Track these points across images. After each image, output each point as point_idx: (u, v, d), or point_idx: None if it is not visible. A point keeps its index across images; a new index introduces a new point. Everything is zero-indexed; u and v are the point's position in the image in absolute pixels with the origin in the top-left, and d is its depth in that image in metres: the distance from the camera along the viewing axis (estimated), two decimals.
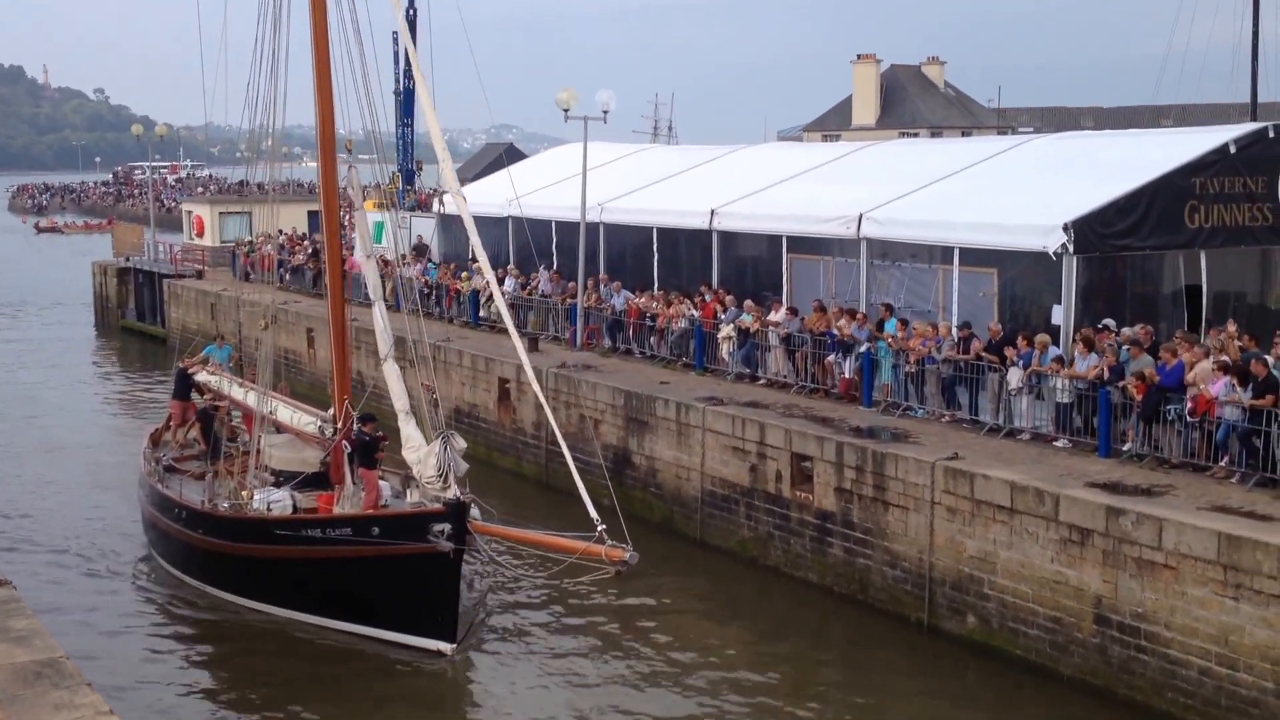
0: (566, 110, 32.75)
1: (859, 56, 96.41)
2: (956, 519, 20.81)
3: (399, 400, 22.91)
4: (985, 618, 20.32)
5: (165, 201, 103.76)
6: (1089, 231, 24.00)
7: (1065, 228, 23.74)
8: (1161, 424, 20.76)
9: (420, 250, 43.84)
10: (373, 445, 22.73)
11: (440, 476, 20.71)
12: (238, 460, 25.18)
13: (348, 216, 62.49)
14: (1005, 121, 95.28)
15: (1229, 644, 17.18)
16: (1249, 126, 26.95)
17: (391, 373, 23.29)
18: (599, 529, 18.98)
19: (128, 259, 59.68)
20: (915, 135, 77.38)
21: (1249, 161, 25.44)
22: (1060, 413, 22.33)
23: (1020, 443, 22.51)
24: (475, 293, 37.76)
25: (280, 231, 54.90)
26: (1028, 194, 26.50)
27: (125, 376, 48.99)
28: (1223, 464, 19.92)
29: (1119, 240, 24.45)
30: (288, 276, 49.23)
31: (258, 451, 24.43)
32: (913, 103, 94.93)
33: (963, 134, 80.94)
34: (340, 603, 21.44)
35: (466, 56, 27.05)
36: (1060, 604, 19.26)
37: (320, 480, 23.52)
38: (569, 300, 34.28)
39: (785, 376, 27.60)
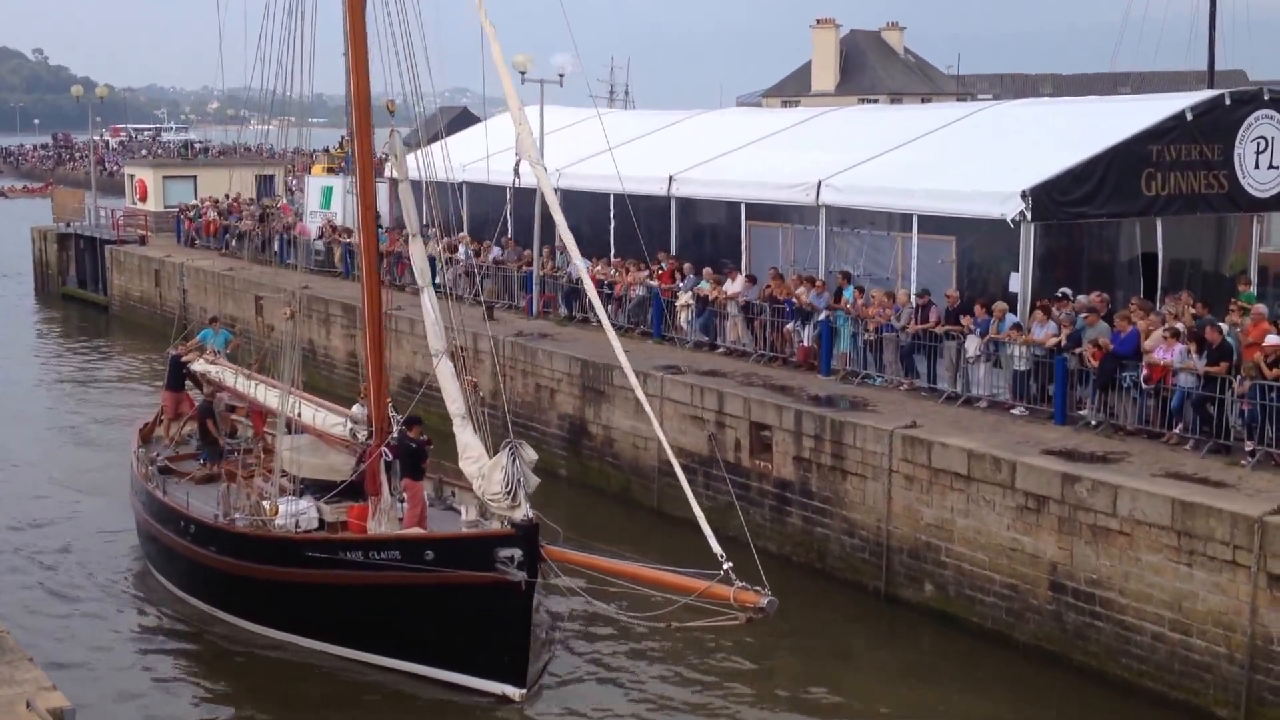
0: (523, 74, 32.52)
1: (818, 21, 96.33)
2: (914, 487, 20.88)
3: (453, 403, 19.52)
4: (942, 585, 20.43)
5: (107, 165, 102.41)
6: (1046, 199, 24.02)
7: (1023, 195, 23.76)
8: (1117, 391, 20.90)
9: None
10: (420, 453, 20.15)
11: (508, 493, 17.60)
12: (248, 465, 22.10)
13: (295, 181, 62.07)
14: (964, 88, 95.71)
15: (1182, 610, 17.37)
16: (1206, 94, 27.02)
17: (445, 371, 19.86)
18: (725, 566, 15.92)
19: (68, 224, 58.48)
20: (875, 101, 77.49)
21: (1205, 129, 25.49)
22: (1017, 380, 22.43)
23: (977, 410, 22.60)
24: (431, 259, 37.43)
25: (226, 195, 54.29)
26: (986, 161, 26.52)
27: (69, 347, 48.26)
28: (1177, 431, 20.09)
29: (1076, 208, 24.50)
30: (233, 242, 48.69)
31: (266, 451, 22.00)
32: (872, 69, 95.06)
33: (922, 100, 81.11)
34: (386, 637, 18.78)
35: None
36: (1016, 571, 19.39)
37: (348, 490, 20.58)
38: (525, 268, 34.09)
39: (744, 345, 27.57)
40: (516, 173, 17.06)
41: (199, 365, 25.52)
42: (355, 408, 22.20)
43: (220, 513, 20.48)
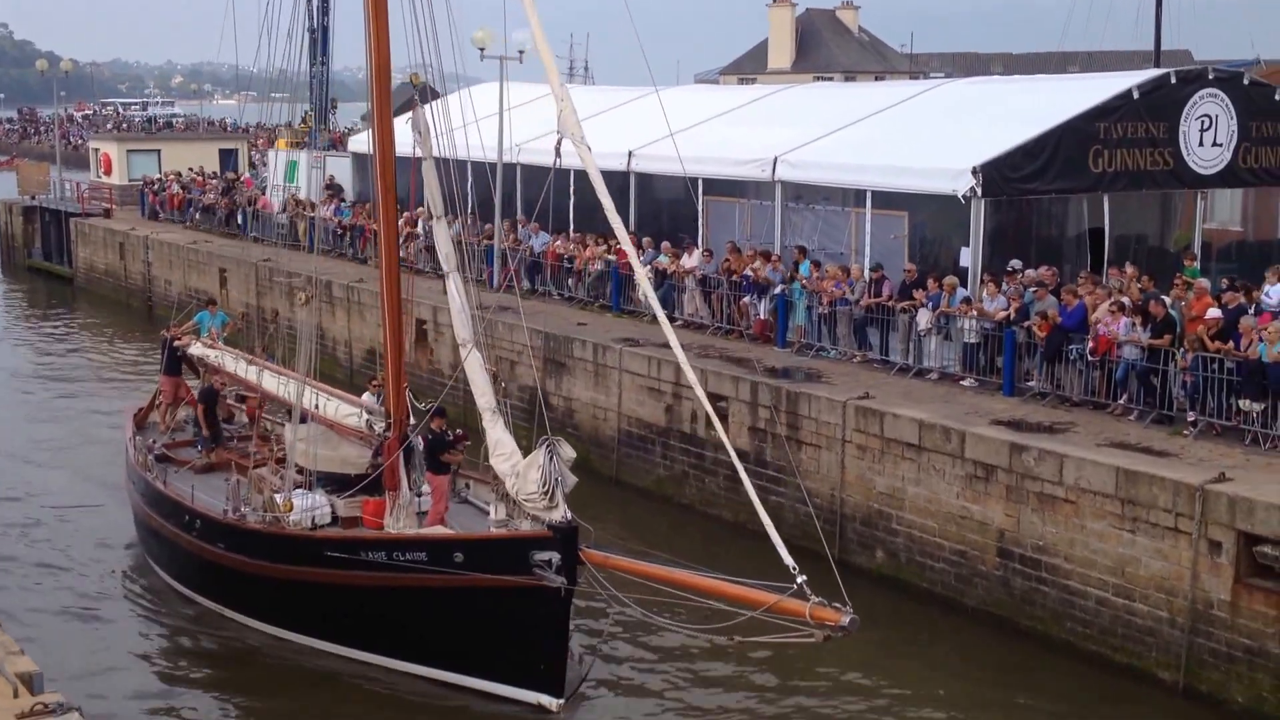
0: (483, 50, 32.63)
1: (775, 0, 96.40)
2: (867, 456, 21.30)
3: (483, 396, 18.37)
4: (893, 552, 20.86)
5: (72, 139, 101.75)
6: (996, 175, 24.45)
7: (974, 171, 24.20)
8: (1063, 363, 21.33)
9: (334, 190, 43.58)
10: (439, 445, 19.02)
11: (545, 493, 16.39)
12: (252, 454, 20.91)
13: (260, 156, 61.97)
14: (917, 67, 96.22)
15: (1125, 575, 17.78)
16: (1152, 73, 27.55)
17: (474, 363, 18.67)
18: (799, 580, 14.67)
19: (34, 198, 58.36)
20: (830, 79, 77.67)
21: (1152, 107, 25.98)
22: (967, 353, 22.88)
23: (929, 382, 23.04)
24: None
25: (190, 169, 54.37)
26: (938, 138, 26.92)
27: (34, 318, 48.25)
28: (1121, 402, 20.53)
29: (1025, 184, 24.94)
30: (197, 215, 48.74)
31: (263, 438, 20.94)
32: (827, 47, 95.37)
33: (876, 78, 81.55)
34: (410, 641, 17.77)
35: None
36: (965, 538, 19.82)
37: (360, 483, 19.44)
38: (486, 242, 34.30)
39: (701, 318, 27.94)
40: (558, 152, 16.48)
41: (197, 349, 24.36)
42: (365, 396, 21.46)
43: (230, 508, 19.34)
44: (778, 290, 26.02)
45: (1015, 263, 24.19)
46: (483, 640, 17.02)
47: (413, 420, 19.48)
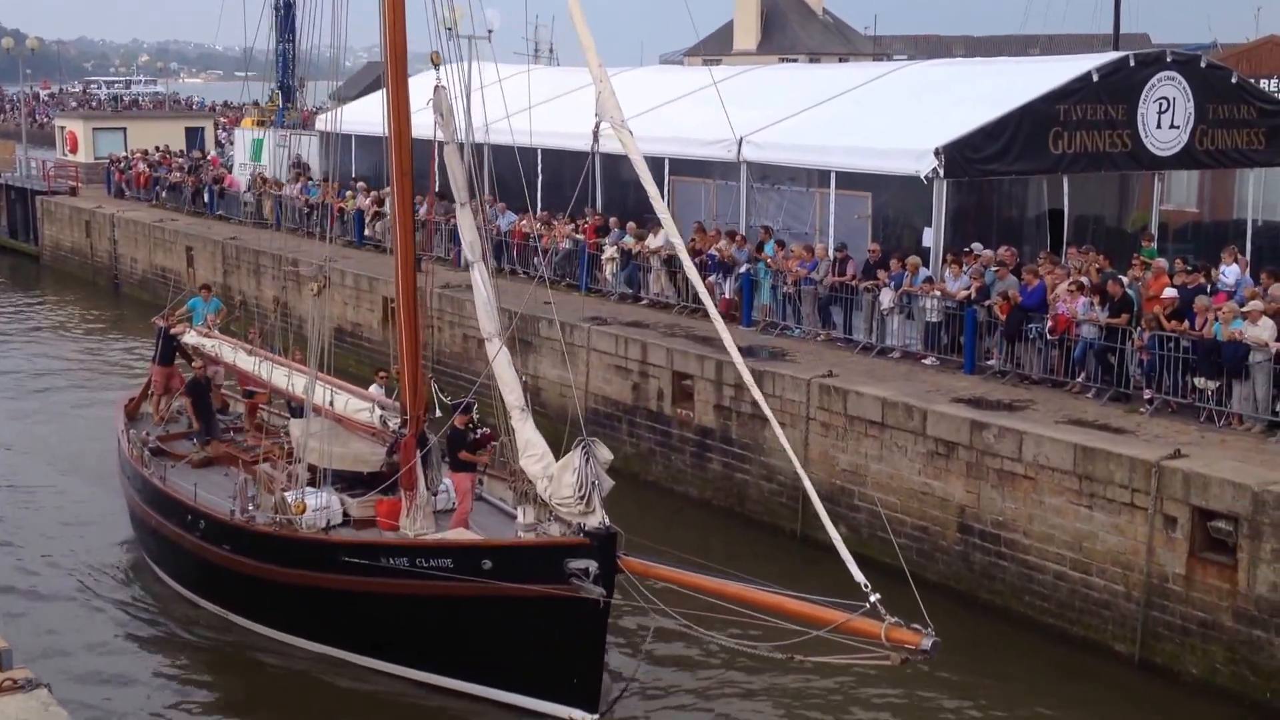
0: (449, 30, 32.61)
1: None
2: (830, 434, 21.58)
3: (511, 394, 17.12)
4: (856, 527, 21.07)
5: (38, 117, 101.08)
6: (958, 156, 24.71)
7: (936, 152, 24.45)
8: (1023, 342, 21.60)
9: (300, 168, 43.54)
10: (458, 441, 18.09)
11: (581, 498, 15.37)
12: (253, 449, 20.18)
13: (226, 134, 61.73)
14: (881, 49, 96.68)
15: (1083, 550, 18.09)
16: (1111, 55, 27.86)
17: (503, 360, 17.38)
18: (872, 598, 13.61)
19: None
20: (794, 61, 77.90)
21: (1111, 89, 26.26)
22: (929, 332, 23.15)
23: (891, 361, 23.32)
24: (360, 212, 37.69)
25: (157, 148, 54.16)
26: (901, 120, 27.14)
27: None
28: (1079, 380, 20.83)
29: (987, 165, 25.20)
30: (163, 194, 48.62)
31: (263, 429, 20.26)
32: (792, 29, 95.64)
33: (840, 60, 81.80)
34: (434, 652, 16.78)
35: None
36: (926, 514, 20.11)
37: (371, 480, 18.62)
38: (452, 221, 34.36)
39: (667, 297, 28.15)
40: (596, 137, 16.06)
41: (191, 338, 23.38)
42: (373, 388, 20.63)
43: (238, 508, 18.31)
44: (743, 270, 26.25)
45: (976, 245, 24.49)
46: (512, 652, 16.07)
47: (438, 414, 18.60)
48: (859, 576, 13.68)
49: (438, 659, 16.73)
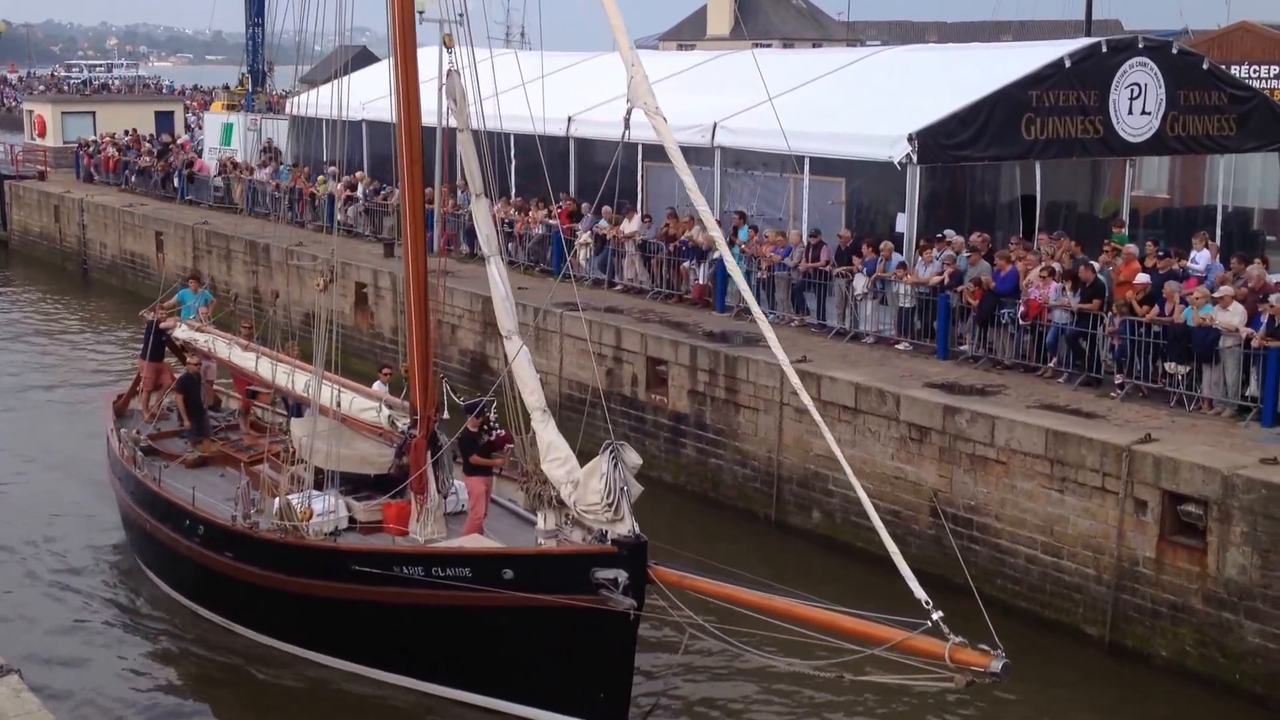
0: (422, 13, 32.48)
1: None
2: (804, 419, 21.53)
3: (533, 395, 16.01)
4: (829, 513, 21.20)
5: (5, 100, 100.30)
6: (931, 142, 24.77)
7: (910, 138, 24.51)
8: (996, 327, 21.71)
9: (271, 153, 43.37)
10: (469, 445, 17.28)
11: (609, 504, 14.55)
12: (250, 449, 19.47)
13: (196, 119, 61.38)
14: (854, 35, 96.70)
15: (1054, 534, 18.21)
16: (1083, 42, 27.92)
17: (523, 359, 16.24)
18: (934, 616, 12.58)
19: None
20: (768, 46, 77.90)
21: (1082, 75, 26.37)
22: (902, 317, 23.23)
23: (865, 346, 23.38)
24: (331, 196, 37.53)
25: (126, 132, 53.84)
26: (875, 106, 27.18)
27: None
28: (1051, 365, 20.95)
29: (960, 151, 25.26)
30: (133, 178, 48.35)
31: (258, 426, 19.64)
32: (766, 15, 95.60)
33: (813, 46, 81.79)
34: (451, 665, 15.99)
35: None
36: (900, 498, 20.17)
37: (377, 483, 17.89)
38: (426, 206, 34.27)
39: (641, 282, 28.15)
40: (627, 124, 15.46)
41: (182, 332, 22.45)
42: (376, 385, 20.06)
43: (240, 514, 17.45)
44: (717, 255, 26.25)
45: (948, 232, 24.57)
46: (535, 666, 15.23)
47: (447, 415, 18.03)
48: (919, 593, 12.64)
49: (455, 672, 15.96)
